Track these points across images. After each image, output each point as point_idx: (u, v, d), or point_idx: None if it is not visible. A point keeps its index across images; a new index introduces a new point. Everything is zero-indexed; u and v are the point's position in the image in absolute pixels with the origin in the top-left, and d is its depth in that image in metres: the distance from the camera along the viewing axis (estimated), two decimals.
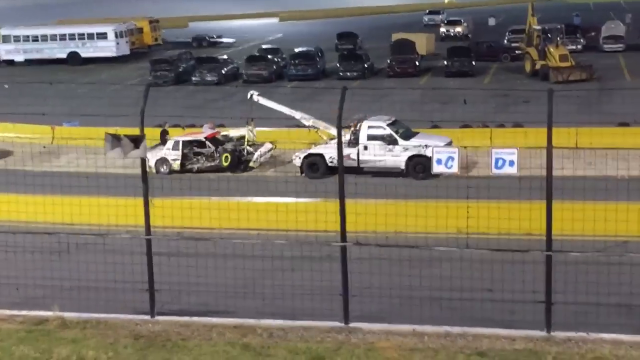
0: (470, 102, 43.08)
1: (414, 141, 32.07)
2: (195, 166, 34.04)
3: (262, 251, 20.54)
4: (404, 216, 20.50)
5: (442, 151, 29.89)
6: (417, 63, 59.63)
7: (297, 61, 60.44)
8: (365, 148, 31.95)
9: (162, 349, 15.36)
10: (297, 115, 33.76)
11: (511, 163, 28.95)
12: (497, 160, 28.99)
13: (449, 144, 31.48)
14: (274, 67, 60.82)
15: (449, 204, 22.45)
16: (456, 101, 44.41)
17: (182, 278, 18.79)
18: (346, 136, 32.42)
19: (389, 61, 59.91)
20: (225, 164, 33.60)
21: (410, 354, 14.85)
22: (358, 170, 31.97)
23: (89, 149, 25.97)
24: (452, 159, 29.20)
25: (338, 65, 59.88)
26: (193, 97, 53.87)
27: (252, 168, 33.66)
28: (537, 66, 54.78)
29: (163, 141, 35.09)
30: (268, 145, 34.40)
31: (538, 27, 56.79)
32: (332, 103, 16.92)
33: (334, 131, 32.87)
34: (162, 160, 34.09)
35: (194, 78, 59.97)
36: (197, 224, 22.60)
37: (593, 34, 70.53)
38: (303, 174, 32.45)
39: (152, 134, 21.04)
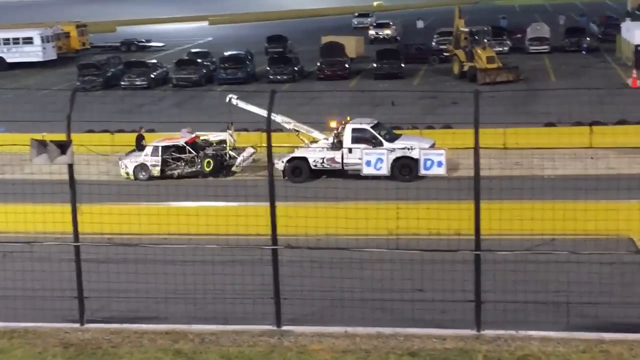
0: (400, 104, 43.42)
1: (398, 143, 31.86)
2: (176, 172, 33.59)
3: (193, 256, 20.41)
4: (334, 219, 20.56)
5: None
6: (346, 66, 59.88)
7: (227, 65, 60.26)
8: (350, 151, 31.78)
9: (92, 357, 15.17)
10: (278, 118, 32.79)
11: (439, 164, 29.51)
12: (425, 161, 29.50)
13: (433, 145, 31.76)
14: (204, 70, 60.54)
15: (379, 205, 22.59)
16: (386, 103, 44.72)
17: (112, 285, 18.55)
18: (329, 139, 32.62)
19: (318, 64, 60.08)
20: (207, 169, 33.16)
21: (342, 355, 14.89)
22: (343, 173, 31.98)
23: (15, 156, 25.63)
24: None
25: (268, 68, 59.87)
26: (122, 101, 53.33)
27: (234, 173, 33.22)
28: (465, 68, 55.41)
29: (139, 147, 34.52)
30: (250, 150, 33.84)
31: (465, 30, 57.46)
32: (263, 106, 16.86)
33: (316, 134, 33.20)
34: (141, 166, 33.50)
35: (122, 82, 59.38)
36: (126, 230, 22.37)
37: (519, 35, 71.65)
38: (286, 178, 31.97)
39: (79, 139, 20.70)
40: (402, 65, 58.64)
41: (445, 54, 62.66)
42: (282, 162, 32.29)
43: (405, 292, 18.11)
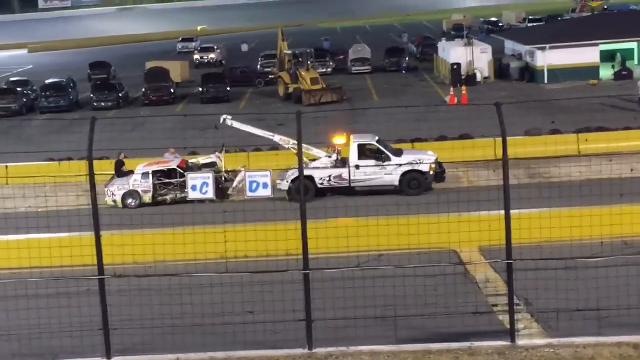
0: (227, 127, 43.36)
1: (404, 157, 31.59)
2: (168, 197, 32.17)
3: (15, 290, 19.69)
4: (161, 245, 20.34)
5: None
6: (172, 90, 59.48)
7: (48, 92, 58.64)
8: (357, 167, 31.19)
9: None
10: (276, 137, 32.60)
11: (265, 185, 29.62)
12: (251, 183, 29.55)
13: (436, 159, 31.71)
14: (24, 99, 58.75)
15: (206, 229, 22.48)
16: (213, 127, 44.58)
17: None
18: (332, 156, 31.88)
19: (143, 89, 59.41)
20: None
21: None
22: (350, 190, 31.32)
23: None
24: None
25: (92, 95, 58.76)
26: None
27: (229, 196, 31.87)
28: (290, 89, 56.07)
29: (119, 173, 32.98)
30: (242, 172, 31.96)
31: (289, 52, 58.20)
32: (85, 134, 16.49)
33: (315, 152, 32.32)
34: (130, 193, 31.90)
35: None
36: None
37: (341, 56, 73.10)
38: (289, 199, 30.65)
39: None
40: (228, 88, 58.74)
41: (270, 76, 63.23)
42: (287, 181, 31.40)
43: (236, 315, 18.08)
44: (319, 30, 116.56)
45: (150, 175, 32.06)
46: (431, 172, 31.33)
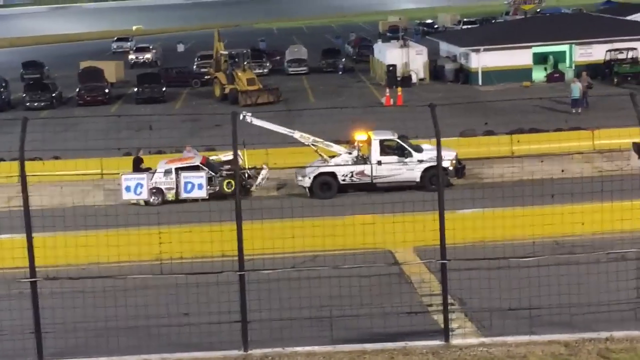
0: (163, 127, 43.07)
1: (425, 153, 31.55)
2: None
3: None
4: (95, 246, 20.13)
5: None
6: (106, 91, 58.90)
7: None
8: (379, 163, 31.13)
9: None
10: (296, 134, 32.33)
11: (200, 186, 29.58)
12: (186, 184, 29.49)
13: (456, 156, 31.95)
14: None
15: (140, 231, 22.30)
16: (148, 128, 44.25)
17: None
18: (352, 153, 31.71)
19: (78, 90, 58.72)
20: (228, 190, 31.18)
21: None
22: (371, 186, 31.19)
23: None
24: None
25: (24, 95, 57.90)
26: None
27: (252, 193, 31.67)
28: (226, 90, 55.89)
29: (137, 170, 32.47)
30: (266, 169, 32.72)
31: (225, 52, 58.05)
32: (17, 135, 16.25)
33: (335, 148, 32.16)
34: (154, 190, 31.36)
35: None
36: None
37: (278, 57, 73.12)
38: (310, 195, 31.16)
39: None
40: (164, 89, 58.34)
41: (206, 77, 62.97)
42: (309, 177, 31.59)
43: (172, 317, 17.97)
44: (255, 31, 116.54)
45: (174, 173, 31.60)
46: (451, 168, 31.50)
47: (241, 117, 32.47)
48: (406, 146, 31.99)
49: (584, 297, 17.70)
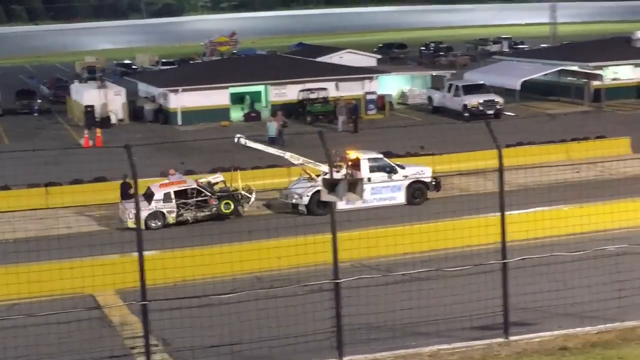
0: None
1: (407, 170, 33.69)
2: (189, 216, 31.88)
3: None
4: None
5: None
6: None
7: None
8: (369, 180, 32.05)
9: None
10: (287, 155, 33.52)
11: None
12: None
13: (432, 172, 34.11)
14: None
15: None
16: None
17: None
18: (340, 172, 30.92)
19: None
20: (226, 211, 32.10)
21: None
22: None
23: None
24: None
25: None
26: None
27: (242, 213, 32.54)
28: None
29: (125, 195, 31.36)
30: (253, 190, 33.39)
31: None
32: None
33: (323, 168, 32.59)
34: (154, 214, 31.16)
35: None
36: None
37: None
38: (307, 213, 32.01)
39: None
40: None
41: None
42: (307, 196, 32.44)
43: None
44: None
45: (173, 196, 31.79)
46: (433, 183, 33.83)
47: (236, 139, 34.67)
48: (392, 164, 34.01)
49: (283, 330, 18.28)
